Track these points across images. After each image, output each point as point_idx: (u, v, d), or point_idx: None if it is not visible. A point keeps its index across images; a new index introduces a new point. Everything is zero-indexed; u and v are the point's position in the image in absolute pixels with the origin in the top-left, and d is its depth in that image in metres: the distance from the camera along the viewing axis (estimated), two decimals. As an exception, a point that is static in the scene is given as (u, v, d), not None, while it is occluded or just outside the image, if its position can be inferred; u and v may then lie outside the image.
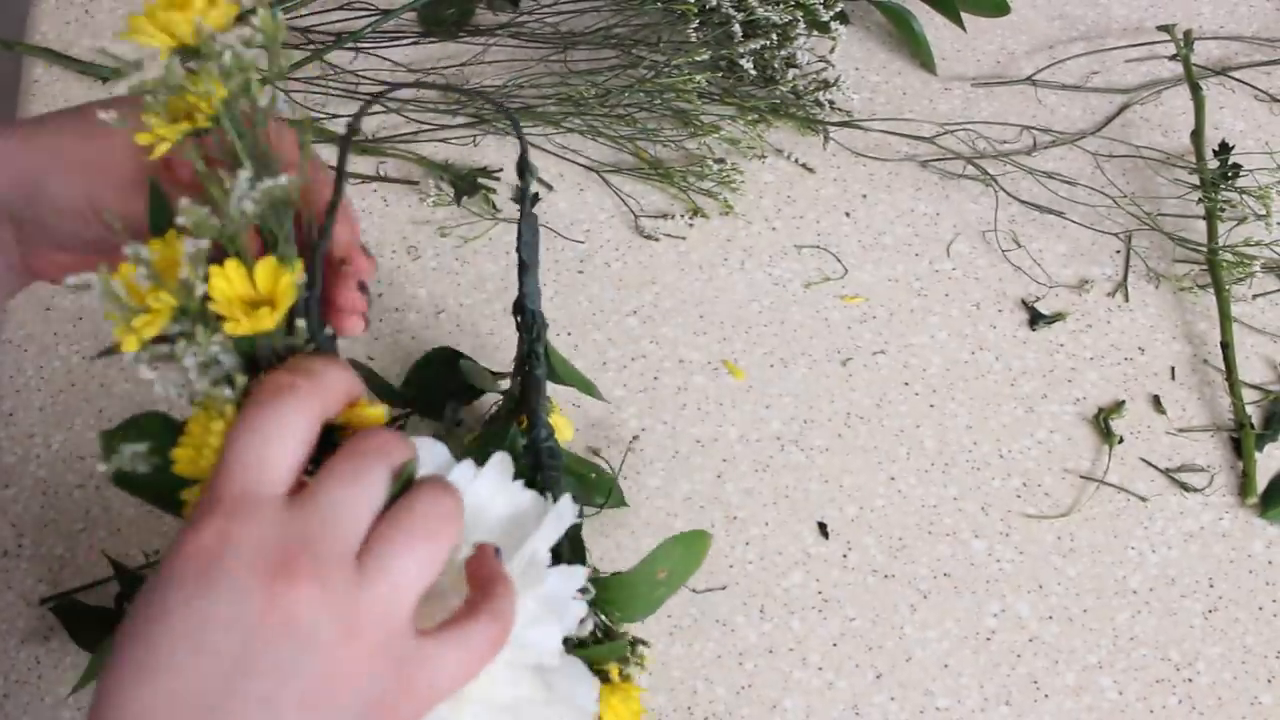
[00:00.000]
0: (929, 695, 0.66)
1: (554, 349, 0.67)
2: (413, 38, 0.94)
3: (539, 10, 0.94)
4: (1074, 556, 0.71)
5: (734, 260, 0.83)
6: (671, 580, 0.61)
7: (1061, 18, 0.97)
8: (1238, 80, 0.93)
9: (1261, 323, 0.81)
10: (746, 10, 0.85)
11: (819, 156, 0.88)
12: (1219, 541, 0.72)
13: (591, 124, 0.88)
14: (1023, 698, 0.67)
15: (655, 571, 0.60)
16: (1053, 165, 0.87)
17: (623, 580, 0.59)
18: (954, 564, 0.71)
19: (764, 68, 0.88)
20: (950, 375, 0.78)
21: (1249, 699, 0.67)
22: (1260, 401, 0.77)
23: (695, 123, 0.87)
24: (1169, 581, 0.71)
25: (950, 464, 0.74)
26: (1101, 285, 0.82)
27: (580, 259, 0.83)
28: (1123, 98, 0.92)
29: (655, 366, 0.78)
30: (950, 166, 0.88)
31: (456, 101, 0.90)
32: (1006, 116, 0.90)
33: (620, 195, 0.86)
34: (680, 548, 0.61)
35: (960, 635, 0.68)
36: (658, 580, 0.60)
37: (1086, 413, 0.77)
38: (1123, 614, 0.69)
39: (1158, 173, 0.87)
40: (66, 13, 0.95)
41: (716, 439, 0.75)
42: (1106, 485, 0.74)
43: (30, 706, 0.65)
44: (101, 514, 0.72)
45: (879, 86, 0.92)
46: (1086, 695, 0.67)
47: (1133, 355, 0.79)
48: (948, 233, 0.84)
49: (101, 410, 0.76)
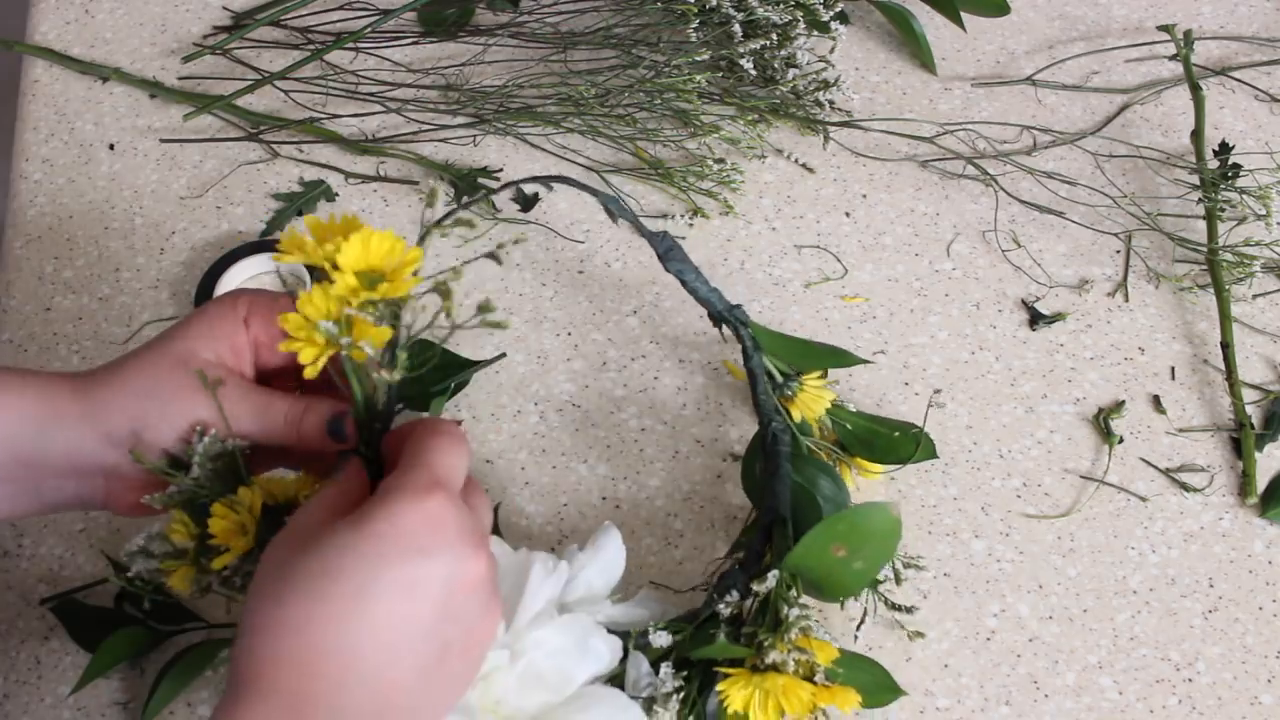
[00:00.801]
0: (929, 695, 0.66)
1: (761, 328, 0.71)
2: (413, 38, 0.94)
3: (539, 10, 0.94)
4: (1074, 556, 0.71)
5: (734, 260, 0.83)
6: (870, 557, 0.62)
7: (1061, 18, 0.97)
8: (1238, 80, 0.93)
9: (1261, 323, 0.81)
10: (746, 10, 0.85)
11: (819, 156, 0.88)
12: (1219, 541, 0.72)
13: (591, 124, 0.88)
14: (1023, 698, 0.66)
15: (828, 548, 0.61)
16: (1053, 165, 0.87)
17: (795, 561, 0.61)
18: (954, 564, 0.71)
19: (764, 68, 0.88)
20: (950, 375, 0.78)
21: (1249, 699, 0.67)
22: (1260, 401, 0.77)
23: (695, 123, 0.87)
24: (1169, 581, 0.70)
25: (950, 464, 0.74)
26: (1101, 285, 0.82)
27: (580, 259, 0.83)
28: (1123, 98, 0.92)
29: (656, 366, 0.78)
30: (950, 166, 0.88)
31: (457, 101, 0.90)
32: (1006, 116, 0.90)
33: (620, 195, 0.86)
34: (844, 525, 0.60)
35: (960, 635, 0.68)
36: (838, 559, 0.61)
37: (1087, 413, 0.77)
38: (1123, 614, 0.69)
39: (1158, 173, 0.87)
40: (66, 13, 0.95)
41: (717, 439, 0.75)
42: (1106, 485, 0.74)
43: (30, 706, 0.65)
44: (101, 514, 0.72)
45: (879, 86, 0.92)
46: (1087, 695, 0.67)
47: (1133, 355, 0.79)
48: (948, 233, 0.84)
49: (101, 410, 0.76)
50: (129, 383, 0.55)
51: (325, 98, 0.91)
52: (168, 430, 0.54)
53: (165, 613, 0.67)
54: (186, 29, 0.95)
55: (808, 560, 0.61)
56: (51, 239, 0.83)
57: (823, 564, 0.61)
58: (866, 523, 0.61)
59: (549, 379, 0.77)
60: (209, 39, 0.95)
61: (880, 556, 0.62)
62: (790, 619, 0.59)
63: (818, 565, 0.62)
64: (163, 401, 0.54)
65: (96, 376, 0.56)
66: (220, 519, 0.54)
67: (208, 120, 0.90)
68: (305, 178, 0.86)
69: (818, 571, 0.62)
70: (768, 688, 0.58)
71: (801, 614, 0.60)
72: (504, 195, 0.85)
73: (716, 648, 0.59)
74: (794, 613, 0.60)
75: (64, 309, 0.80)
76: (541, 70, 0.91)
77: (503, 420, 0.76)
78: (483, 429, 0.75)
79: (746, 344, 0.70)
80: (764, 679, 0.58)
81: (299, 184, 0.86)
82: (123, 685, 0.66)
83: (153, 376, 0.55)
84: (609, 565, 0.61)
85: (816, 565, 0.62)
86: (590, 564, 0.61)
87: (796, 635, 0.59)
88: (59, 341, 0.79)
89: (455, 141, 0.88)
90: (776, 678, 0.58)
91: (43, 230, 0.84)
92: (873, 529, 0.61)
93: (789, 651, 0.58)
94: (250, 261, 0.80)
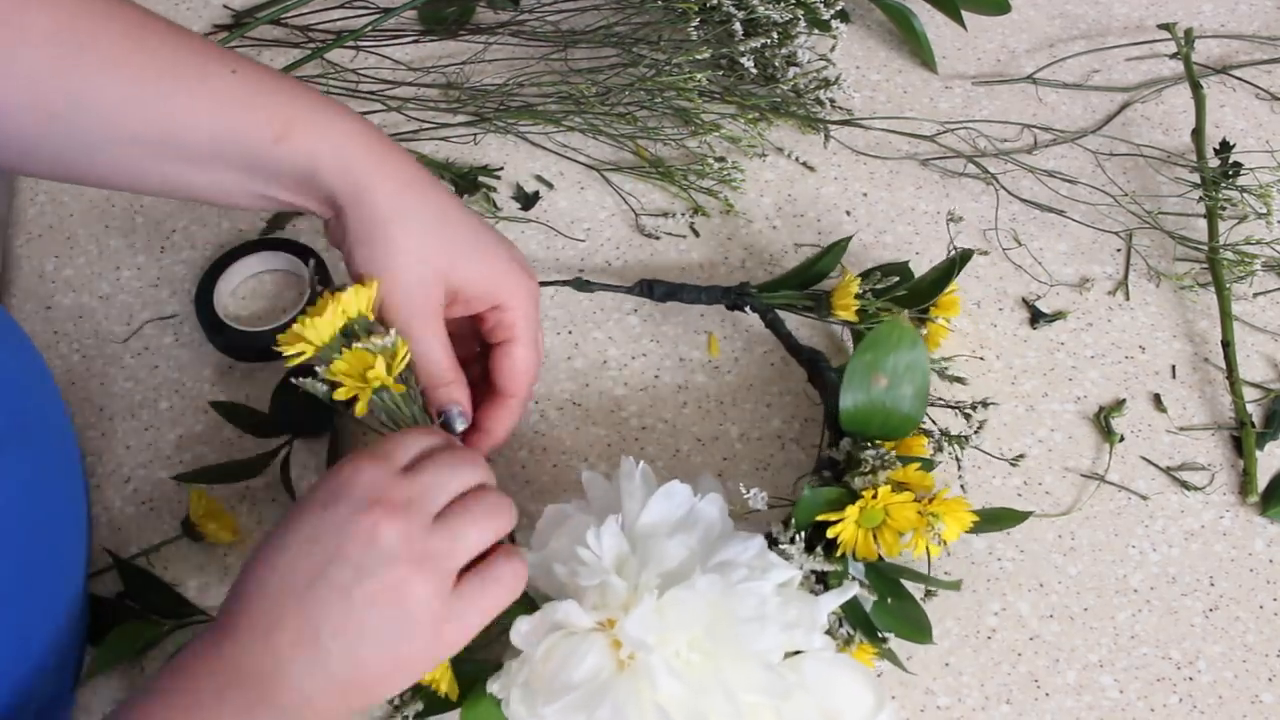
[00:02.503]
0: (929, 694, 0.66)
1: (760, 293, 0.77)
2: (413, 36, 0.94)
3: (539, 9, 0.94)
4: (1075, 555, 0.71)
5: (734, 259, 0.83)
6: (911, 377, 0.66)
7: (1062, 16, 0.97)
8: (1238, 78, 0.93)
9: (1262, 321, 0.81)
10: (747, 8, 0.85)
11: (820, 155, 0.88)
12: (1220, 540, 0.72)
13: (592, 122, 0.88)
14: (1023, 696, 0.66)
15: (868, 385, 0.66)
16: (1053, 164, 0.87)
17: (851, 416, 0.66)
18: (954, 563, 0.71)
19: (765, 66, 0.88)
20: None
21: (1250, 697, 0.67)
22: (1261, 400, 0.77)
23: (696, 121, 0.87)
24: (1170, 580, 0.70)
25: (951, 462, 0.74)
26: (1102, 283, 0.82)
27: (581, 257, 0.83)
28: (1123, 96, 0.92)
29: (656, 365, 0.78)
30: (951, 165, 0.87)
31: (457, 100, 0.90)
32: (1007, 115, 0.90)
33: (621, 194, 0.86)
34: (869, 354, 0.66)
35: (961, 634, 0.68)
36: (886, 391, 0.66)
37: (1087, 411, 0.77)
38: (1123, 612, 0.69)
39: (1158, 171, 0.87)
40: (67, 11, 0.95)
41: (718, 437, 0.75)
42: (1107, 484, 0.74)
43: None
44: (102, 512, 0.72)
45: (880, 85, 0.92)
46: (1087, 694, 0.67)
47: (1133, 354, 0.79)
48: (948, 231, 0.84)
49: (102, 409, 0.76)
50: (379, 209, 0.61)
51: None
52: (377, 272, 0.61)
53: (167, 606, 0.67)
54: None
55: (862, 410, 0.65)
56: (52, 237, 0.83)
57: (877, 406, 0.66)
58: (886, 341, 0.65)
59: (549, 378, 0.77)
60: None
61: (918, 372, 0.66)
62: (869, 459, 0.63)
63: (875, 410, 0.66)
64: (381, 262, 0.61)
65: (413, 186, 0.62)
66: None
67: (208, 119, 0.90)
68: (306, 176, 0.86)
69: (878, 417, 0.66)
70: (875, 512, 0.62)
71: (878, 454, 0.64)
72: (505, 193, 0.85)
73: (820, 494, 0.63)
74: (870, 454, 0.64)
75: (64, 307, 0.80)
76: (542, 69, 0.91)
77: (503, 419, 0.76)
78: (483, 427, 0.75)
79: (763, 313, 0.76)
80: (870, 508, 0.62)
81: (299, 182, 0.86)
82: (124, 684, 0.66)
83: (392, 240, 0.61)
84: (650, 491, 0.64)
85: (873, 411, 0.66)
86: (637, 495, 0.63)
87: (886, 473, 0.63)
88: (59, 339, 0.79)
89: (456, 140, 0.88)
90: (878, 503, 0.62)
91: (43, 228, 0.84)
92: (894, 343, 0.65)
93: (883, 482, 0.62)
94: (250, 260, 0.81)
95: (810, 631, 0.59)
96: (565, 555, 0.60)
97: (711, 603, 0.57)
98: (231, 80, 0.59)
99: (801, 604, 0.59)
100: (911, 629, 0.65)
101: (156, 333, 0.79)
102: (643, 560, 0.59)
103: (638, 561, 0.59)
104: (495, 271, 0.64)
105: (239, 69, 0.59)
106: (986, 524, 0.66)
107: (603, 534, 0.59)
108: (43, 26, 0.56)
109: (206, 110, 0.58)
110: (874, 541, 0.63)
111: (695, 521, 0.61)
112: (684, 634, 0.57)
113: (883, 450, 0.64)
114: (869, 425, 0.66)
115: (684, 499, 0.62)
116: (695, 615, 0.57)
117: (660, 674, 0.56)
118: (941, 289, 0.74)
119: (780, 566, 0.60)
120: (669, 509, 0.61)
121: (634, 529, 0.61)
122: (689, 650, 0.57)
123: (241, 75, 0.59)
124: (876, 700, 0.60)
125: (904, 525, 0.62)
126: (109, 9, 0.58)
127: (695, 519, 0.61)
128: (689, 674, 0.56)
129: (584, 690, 0.56)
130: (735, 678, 0.57)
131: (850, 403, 0.65)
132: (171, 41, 0.59)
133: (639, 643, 0.56)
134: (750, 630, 0.57)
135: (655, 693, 0.56)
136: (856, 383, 0.65)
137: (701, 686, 0.56)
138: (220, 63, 0.59)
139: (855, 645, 0.62)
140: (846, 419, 0.65)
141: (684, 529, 0.61)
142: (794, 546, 0.62)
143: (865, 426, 0.66)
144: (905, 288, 0.75)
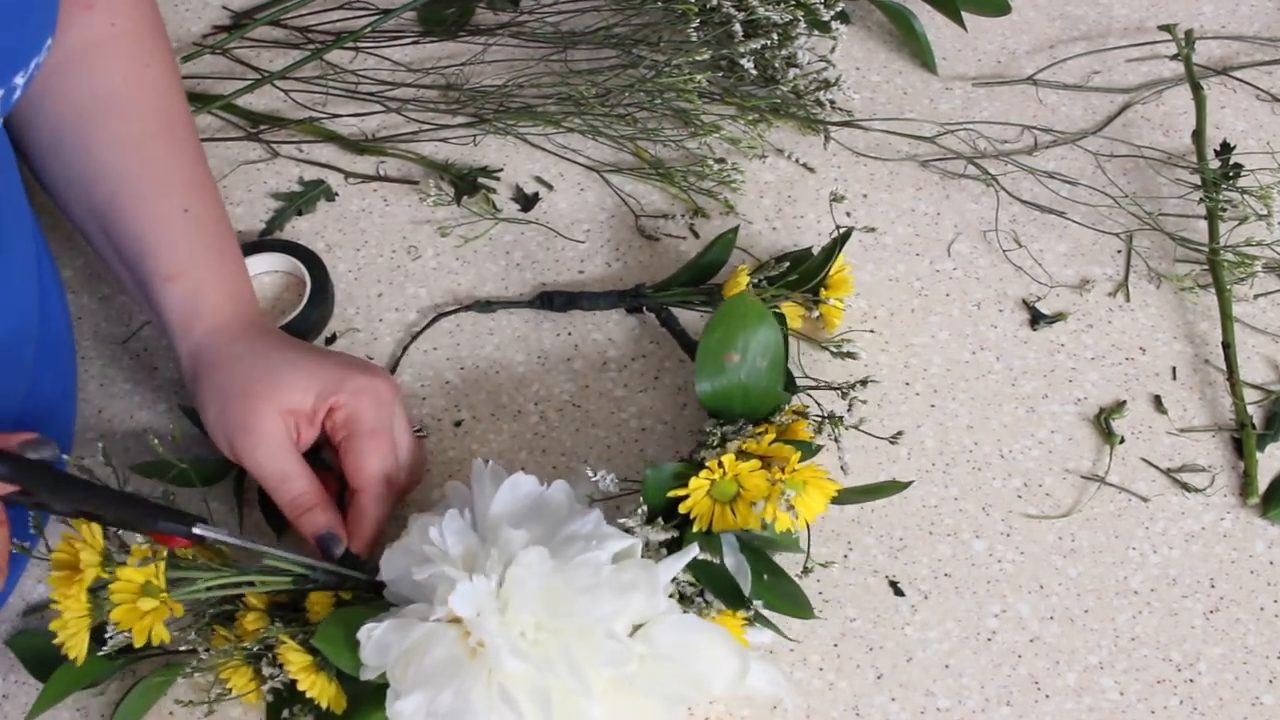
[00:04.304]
0: (930, 696, 0.66)
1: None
2: (412, 37, 0.94)
3: (539, 10, 0.94)
4: (1075, 557, 0.71)
5: (734, 259, 0.82)
6: (762, 349, 0.66)
7: (1062, 17, 0.97)
8: (1239, 80, 0.93)
9: (1263, 323, 0.81)
10: (747, 10, 0.85)
11: (819, 156, 0.88)
12: (1220, 542, 0.72)
13: (592, 124, 0.88)
14: (1024, 698, 0.66)
15: (721, 363, 0.66)
16: (1054, 165, 0.87)
17: (710, 392, 0.67)
18: (954, 564, 0.71)
19: (765, 67, 0.88)
20: (951, 375, 0.78)
21: (1250, 699, 0.66)
22: (1261, 401, 0.77)
23: (696, 122, 0.87)
24: (1170, 582, 0.70)
25: (951, 464, 0.74)
26: (1102, 285, 0.82)
27: (581, 259, 0.83)
28: (1124, 97, 0.92)
29: (656, 366, 0.78)
30: (951, 166, 0.87)
31: (457, 101, 0.90)
32: (1007, 116, 0.90)
33: (621, 195, 0.86)
34: (719, 332, 0.66)
35: (961, 635, 0.68)
36: (739, 366, 0.66)
37: (1088, 413, 0.76)
38: (1124, 614, 0.69)
39: (1159, 172, 0.87)
40: (66, 12, 0.95)
41: (717, 439, 0.75)
42: (1108, 485, 0.74)
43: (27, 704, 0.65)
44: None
45: (880, 86, 0.92)
46: (1088, 696, 0.66)
47: (1134, 355, 0.79)
48: (948, 232, 0.84)
49: (101, 410, 0.76)
50: (249, 362, 0.68)
51: (325, 97, 0.91)
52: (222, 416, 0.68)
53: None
54: (186, 28, 0.95)
55: (721, 390, 0.65)
56: (51, 238, 0.83)
57: (735, 384, 0.65)
58: (731, 316, 0.65)
59: (549, 379, 0.77)
60: (209, 38, 0.95)
61: (767, 343, 0.65)
62: (716, 434, 0.64)
63: (734, 388, 0.65)
64: (244, 397, 0.67)
65: (246, 333, 0.69)
66: None
67: (208, 120, 0.90)
68: (305, 177, 0.86)
69: (738, 395, 0.65)
70: (728, 484, 0.62)
71: (735, 428, 0.64)
72: (504, 194, 0.85)
73: (664, 470, 0.63)
74: (724, 430, 0.64)
75: (63, 308, 0.80)
76: (542, 70, 0.91)
77: (503, 420, 0.76)
78: (483, 429, 0.75)
79: (658, 312, 0.77)
80: (721, 481, 0.62)
81: (299, 183, 0.86)
82: (80, 714, 0.65)
83: (251, 377, 0.67)
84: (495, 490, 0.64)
85: (732, 389, 0.65)
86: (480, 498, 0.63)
87: (735, 443, 0.63)
88: (58, 341, 0.79)
89: (455, 141, 0.88)
90: (728, 474, 0.62)
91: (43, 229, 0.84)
92: (740, 317, 0.65)
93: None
94: (250, 261, 0.80)
95: (652, 595, 0.59)
96: (418, 556, 0.60)
97: (545, 576, 0.58)
98: (183, 218, 0.71)
99: (639, 569, 0.59)
100: (788, 604, 0.65)
101: (156, 334, 0.79)
102: (489, 550, 0.59)
103: (485, 553, 0.59)
104: (316, 380, 0.67)
105: (192, 209, 0.71)
106: (862, 495, 0.67)
107: (445, 527, 0.60)
108: (153, 78, 0.73)
109: (141, 227, 0.70)
110: (731, 514, 0.63)
111: (543, 509, 0.62)
112: (529, 615, 0.57)
113: (742, 426, 0.64)
114: (731, 404, 0.66)
115: (530, 489, 0.62)
116: (532, 592, 0.57)
117: (504, 654, 0.56)
118: (826, 269, 0.74)
119: (617, 537, 0.60)
120: (514, 500, 0.62)
121: (484, 523, 0.61)
122: (536, 631, 0.57)
123: (191, 215, 0.71)
124: (741, 662, 0.60)
125: (756, 495, 0.62)
126: (173, 118, 0.73)
127: (543, 506, 0.62)
128: (535, 653, 0.57)
129: (435, 680, 0.56)
130: (581, 652, 0.57)
131: (708, 385, 0.65)
132: (172, 161, 0.72)
133: (474, 623, 0.56)
134: (587, 601, 0.57)
135: (501, 674, 0.56)
136: (710, 363, 0.65)
137: (548, 664, 0.56)
138: (189, 196, 0.71)
139: (714, 611, 0.62)
140: (708, 401, 0.65)
141: (532, 519, 0.61)
142: (633, 520, 0.62)
143: (728, 405, 0.65)
144: (796, 272, 0.75)
